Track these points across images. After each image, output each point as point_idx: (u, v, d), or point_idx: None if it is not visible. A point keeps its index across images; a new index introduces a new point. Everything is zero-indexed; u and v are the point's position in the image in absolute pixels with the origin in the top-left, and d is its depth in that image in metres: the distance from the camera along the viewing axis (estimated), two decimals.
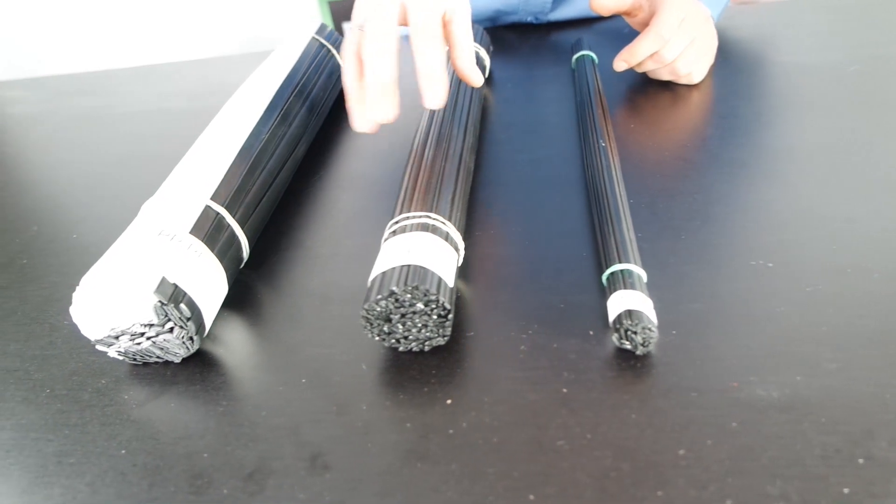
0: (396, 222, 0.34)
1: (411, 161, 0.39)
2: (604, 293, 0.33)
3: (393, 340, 0.31)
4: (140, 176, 0.52)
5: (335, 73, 0.54)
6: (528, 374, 0.30)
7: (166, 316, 0.31)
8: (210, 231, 0.35)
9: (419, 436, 0.28)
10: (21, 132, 0.63)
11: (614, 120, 0.48)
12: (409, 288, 0.29)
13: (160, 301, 0.30)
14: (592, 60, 0.53)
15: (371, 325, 0.31)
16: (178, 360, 0.33)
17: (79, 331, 0.36)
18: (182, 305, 0.31)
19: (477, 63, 0.47)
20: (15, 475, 0.29)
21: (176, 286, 0.31)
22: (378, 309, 0.30)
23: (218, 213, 0.36)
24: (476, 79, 0.41)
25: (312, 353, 0.32)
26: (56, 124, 0.63)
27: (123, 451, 0.29)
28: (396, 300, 0.30)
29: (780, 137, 0.44)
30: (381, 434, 0.28)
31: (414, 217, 0.34)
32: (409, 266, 0.30)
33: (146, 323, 0.31)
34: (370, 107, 0.36)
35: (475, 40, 0.54)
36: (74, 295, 0.32)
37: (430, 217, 0.34)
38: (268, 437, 0.29)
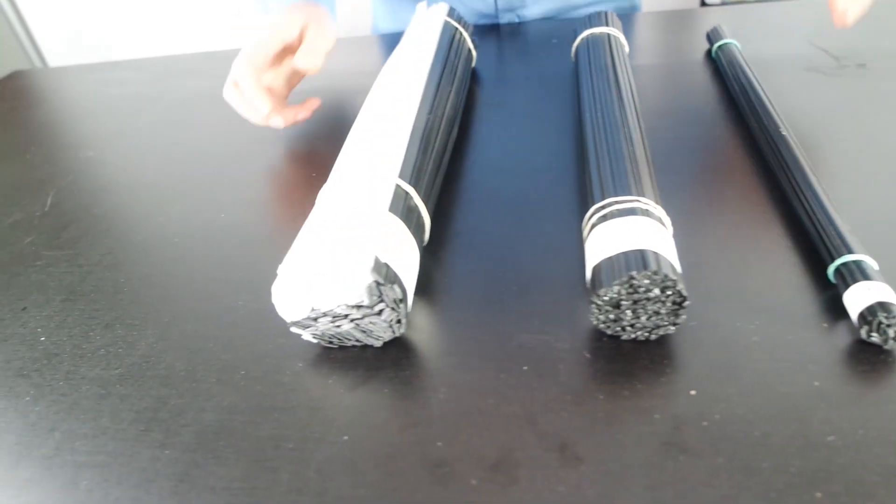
0: (602, 206, 0.33)
1: (593, 146, 0.38)
2: (823, 283, 0.32)
3: (619, 328, 0.30)
4: (270, 157, 0.50)
5: (468, 56, 0.53)
6: (770, 365, 0.28)
7: (380, 297, 0.30)
8: (404, 210, 0.33)
9: (671, 427, 0.26)
10: (131, 112, 0.61)
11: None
12: (648, 273, 0.28)
13: (376, 281, 0.29)
14: (738, 48, 0.51)
15: (600, 311, 0.29)
16: (379, 343, 0.32)
17: (259, 311, 0.35)
18: (395, 286, 0.30)
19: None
20: (231, 459, 0.28)
21: (387, 266, 0.30)
22: (611, 295, 0.28)
23: (407, 192, 0.34)
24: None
25: (526, 341, 0.31)
26: (167, 104, 0.61)
27: (346, 438, 0.28)
28: (631, 286, 0.28)
29: None
30: (628, 425, 0.27)
31: (623, 201, 0.32)
32: (641, 251, 0.29)
33: (354, 304, 0.30)
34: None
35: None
36: (278, 272, 0.31)
37: (639, 201, 0.32)
38: (503, 425, 0.27)
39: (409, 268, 0.32)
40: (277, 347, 0.33)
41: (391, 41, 0.72)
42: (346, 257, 0.29)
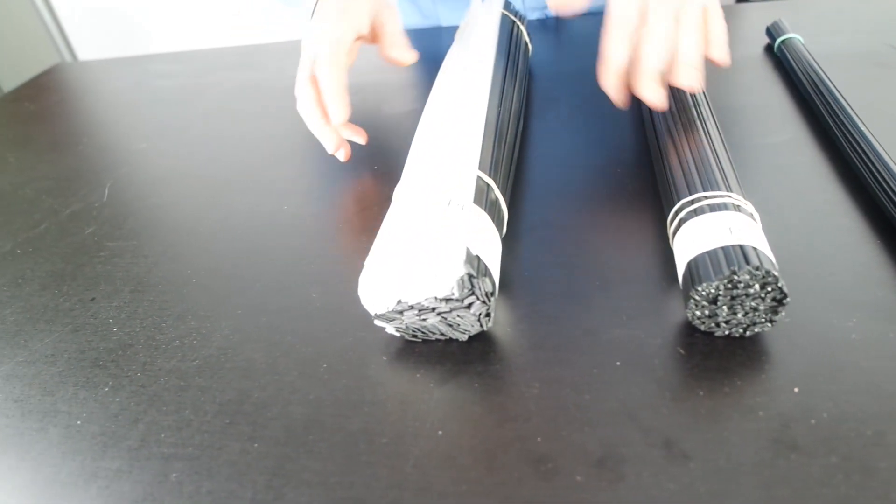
0: (691, 202, 0.32)
1: (670, 141, 0.37)
2: None
3: (713, 324, 0.29)
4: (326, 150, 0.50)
5: (526, 49, 0.52)
6: (874, 363, 0.28)
7: (471, 290, 0.29)
8: (487, 202, 0.33)
9: (779, 425, 0.26)
10: (179, 104, 0.61)
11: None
12: (750, 268, 0.27)
13: (469, 274, 0.29)
14: (802, 43, 0.50)
15: (696, 306, 0.29)
16: (464, 338, 0.31)
17: (334, 303, 0.34)
18: (486, 279, 0.29)
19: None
20: (324, 453, 0.27)
21: (479, 258, 0.29)
22: (710, 290, 0.28)
23: (488, 185, 0.34)
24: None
25: (616, 336, 0.30)
26: (215, 96, 0.61)
27: (440, 433, 0.27)
28: (731, 281, 0.28)
29: None
30: (733, 422, 0.26)
31: (713, 196, 0.32)
32: (741, 246, 0.28)
33: (443, 297, 0.29)
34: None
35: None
36: (365, 264, 0.30)
37: (730, 197, 0.32)
38: (602, 421, 0.27)
39: (495, 261, 0.31)
40: (359, 341, 0.32)
41: (424, 36, 0.71)
42: (438, 249, 0.29)
